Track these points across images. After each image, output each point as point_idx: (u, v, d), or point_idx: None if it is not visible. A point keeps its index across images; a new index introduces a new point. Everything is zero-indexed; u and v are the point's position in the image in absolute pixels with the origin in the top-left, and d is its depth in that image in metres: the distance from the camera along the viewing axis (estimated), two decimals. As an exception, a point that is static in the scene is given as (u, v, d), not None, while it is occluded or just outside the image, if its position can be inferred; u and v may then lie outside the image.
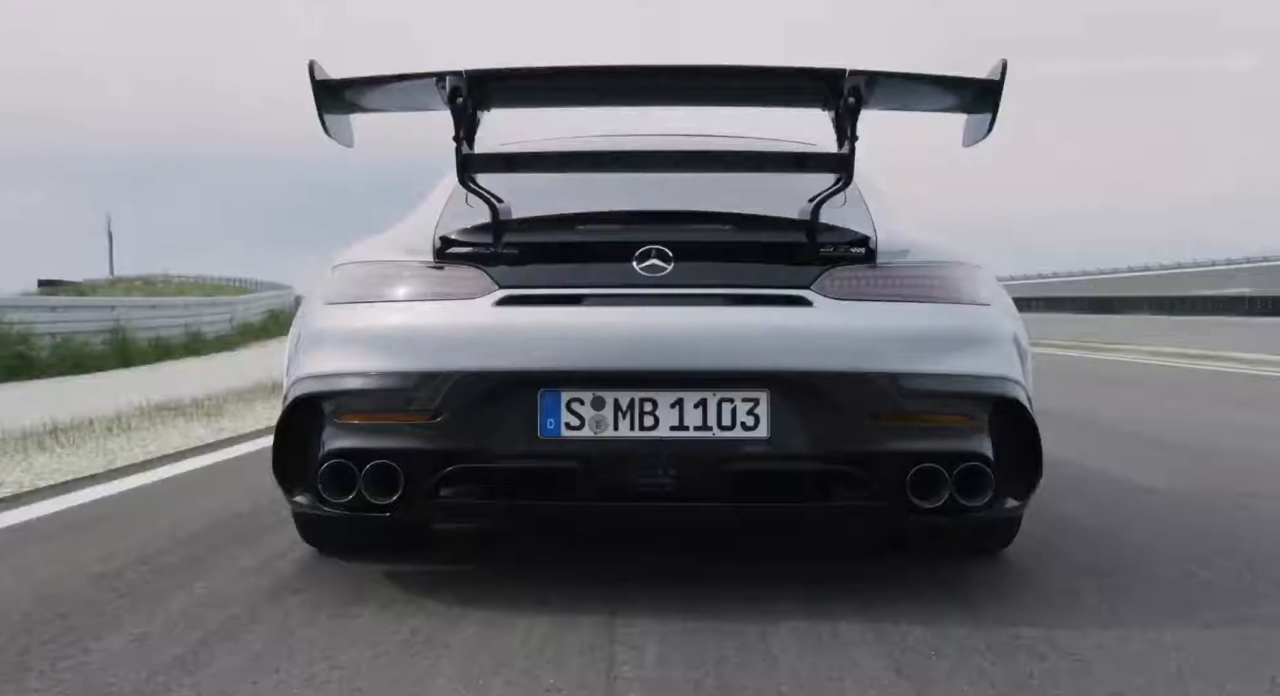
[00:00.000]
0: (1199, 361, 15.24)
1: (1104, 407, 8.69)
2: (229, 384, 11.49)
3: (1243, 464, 5.66)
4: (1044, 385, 3.65)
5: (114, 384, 12.64)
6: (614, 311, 2.83)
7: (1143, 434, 6.96)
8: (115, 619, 2.88)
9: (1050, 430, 3.11)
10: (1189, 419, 7.89)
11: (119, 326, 17.69)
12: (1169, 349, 18.21)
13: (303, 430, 2.98)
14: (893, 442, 2.83)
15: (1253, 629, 2.80)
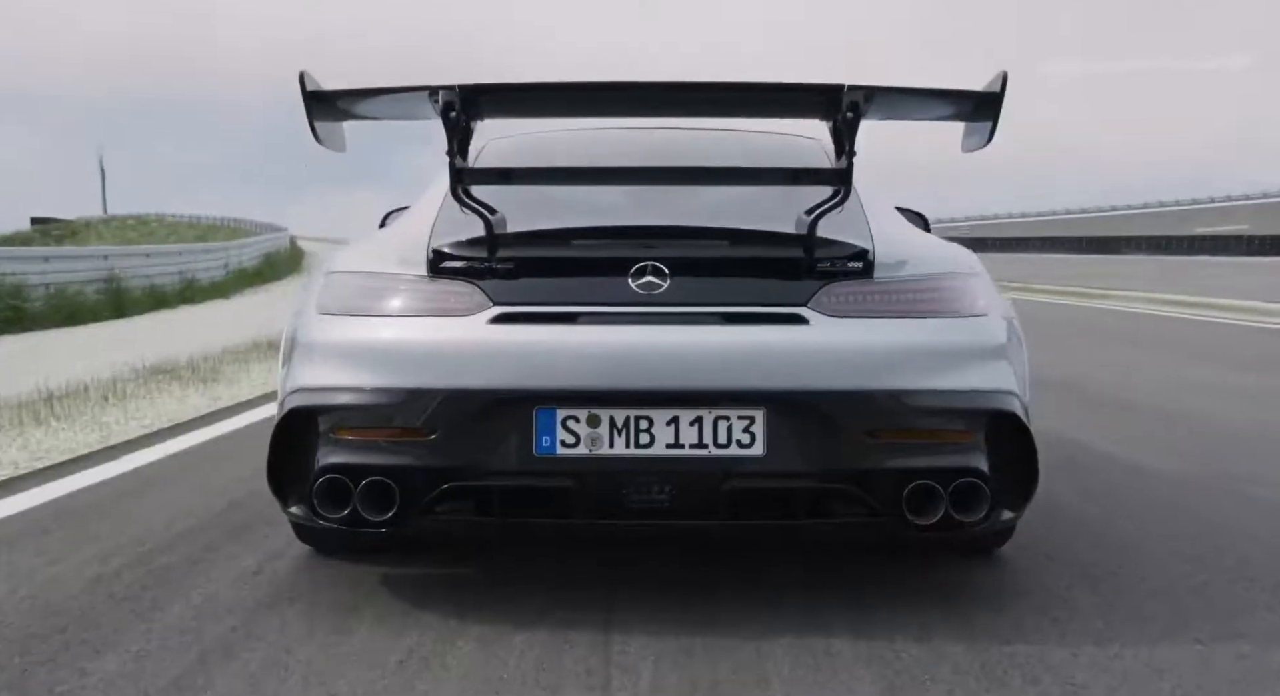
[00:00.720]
0: (1197, 310, 15.23)
1: (1097, 375, 8.69)
2: (224, 340, 11.47)
3: (1239, 437, 5.67)
4: (1039, 340, 3.63)
5: (108, 339, 12.63)
6: (609, 330, 2.81)
7: (1136, 402, 6.97)
8: (114, 633, 2.89)
9: (1041, 395, 3.11)
10: (1184, 383, 7.90)
11: (113, 275, 17.62)
12: (1166, 295, 18.18)
13: (297, 442, 2.96)
14: (888, 460, 2.83)
15: (1246, 646, 2.81)
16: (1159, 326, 13.82)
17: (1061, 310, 17.52)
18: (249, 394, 7.56)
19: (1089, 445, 5.48)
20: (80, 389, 7.68)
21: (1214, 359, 9.77)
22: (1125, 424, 6.19)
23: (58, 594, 3.22)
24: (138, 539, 3.78)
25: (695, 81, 2.92)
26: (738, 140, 3.78)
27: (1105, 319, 15.45)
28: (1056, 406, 6.51)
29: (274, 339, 11.41)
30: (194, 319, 16.40)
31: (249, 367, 9.02)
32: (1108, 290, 20.94)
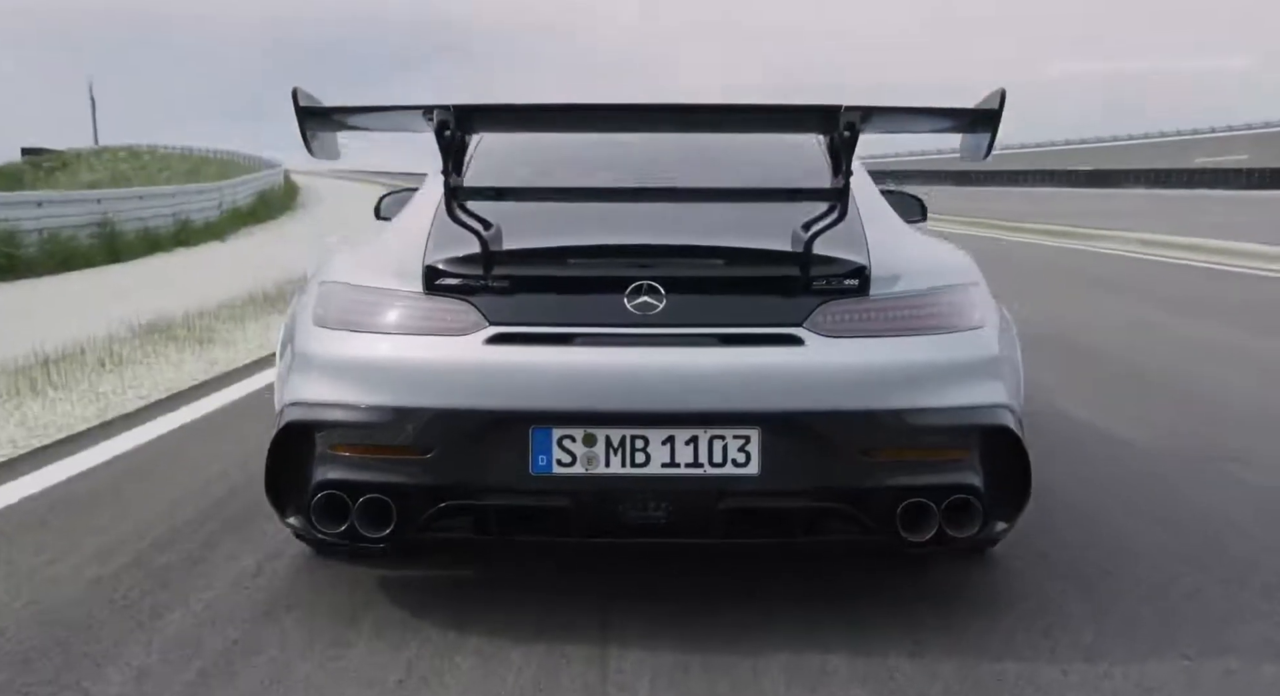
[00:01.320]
0: (1197, 256, 15.19)
1: (1088, 334, 8.69)
2: (219, 292, 11.45)
3: (1234, 410, 5.69)
4: (1032, 290, 3.63)
5: (103, 290, 12.59)
6: (605, 352, 2.81)
7: (1132, 366, 6.98)
8: (114, 646, 2.92)
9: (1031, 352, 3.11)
10: (1180, 344, 7.91)
11: (106, 219, 17.50)
12: (1163, 237, 18.08)
13: (295, 455, 2.98)
14: (883, 478, 2.85)
15: (1234, 661, 2.85)
16: (1158, 276, 13.79)
17: (1057, 256, 17.48)
18: (245, 357, 7.56)
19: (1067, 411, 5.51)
20: (77, 352, 7.67)
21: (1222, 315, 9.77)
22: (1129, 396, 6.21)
23: (58, 599, 3.24)
24: (137, 533, 3.80)
25: (693, 104, 2.91)
26: (734, 136, 3.72)
27: (1104, 266, 15.42)
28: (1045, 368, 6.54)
29: (269, 292, 11.41)
30: (189, 265, 16.35)
31: (244, 326, 9.02)
32: (1103, 230, 20.80)
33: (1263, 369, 7.07)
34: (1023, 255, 16.68)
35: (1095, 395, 6.17)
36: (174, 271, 15.19)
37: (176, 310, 9.93)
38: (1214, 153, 61.82)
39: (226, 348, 7.94)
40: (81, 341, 8.22)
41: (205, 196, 23.73)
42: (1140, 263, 15.50)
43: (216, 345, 8.04)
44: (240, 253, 18.69)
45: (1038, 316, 8.53)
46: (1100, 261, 15.97)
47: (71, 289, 12.74)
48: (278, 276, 12.88)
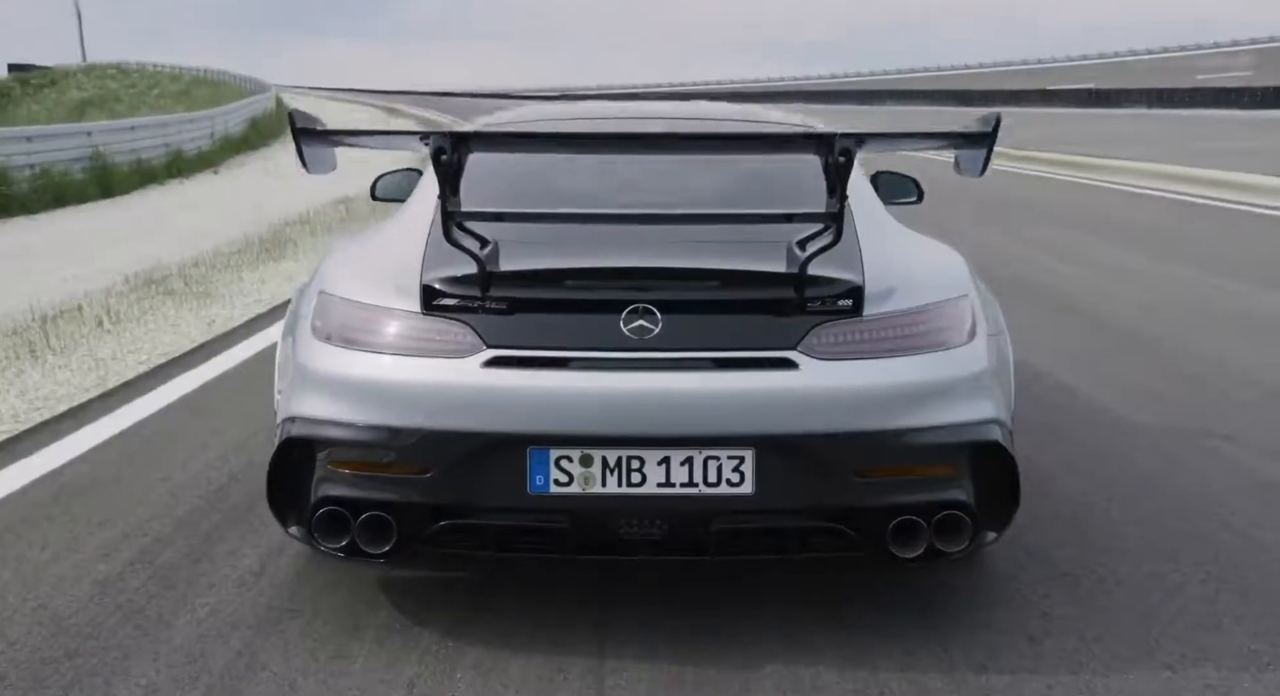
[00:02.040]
0: (1199, 189, 15.10)
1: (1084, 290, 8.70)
2: (213, 234, 11.45)
3: (1228, 380, 5.74)
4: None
5: (98, 234, 12.55)
6: (601, 377, 2.84)
7: (1127, 327, 7.01)
8: (122, 658, 2.99)
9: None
10: (1175, 300, 7.93)
11: (98, 153, 17.39)
12: (1168, 168, 17.90)
13: (296, 469, 3.03)
14: (875, 497, 2.90)
15: (1211, 671, 2.93)
16: (1162, 214, 13.75)
17: (1055, 190, 17.39)
18: (242, 315, 7.59)
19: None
20: (74, 308, 7.70)
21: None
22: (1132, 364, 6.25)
23: (65, 603, 3.31)
24: (140, 527, 3.86)
25: (690, 132, 2.90)
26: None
27: (1116, 207, 15.33)
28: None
29: (263, 236, 11.39)
30: (182, 202, 16.28)
31: (240, 278, 9.01)
32: (1107, 158, 20.64)
33: None
34: (1049, 198, 16.51)
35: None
36: (168, 210, 15.13)
37: (172, 258, 9.95)
38: (1217, 69, 61.04)
39: (224, 304, 7.96)
40: (78, 295, 8.26)
41: (197, 125, 23.53)
42: (1146, 202, 15.40)
43: (214, 301, 8.04)
44: (233, 187, 18.60)
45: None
46: (1145, 207, 15.86)
47: (66, 229, 12.70)
48: (271, 217, 12.86)
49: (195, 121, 23.73)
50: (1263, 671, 2.94)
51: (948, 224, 8.68)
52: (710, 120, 4.03)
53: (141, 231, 12.35)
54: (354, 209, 13.86)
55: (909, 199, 4.69)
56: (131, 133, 19.38)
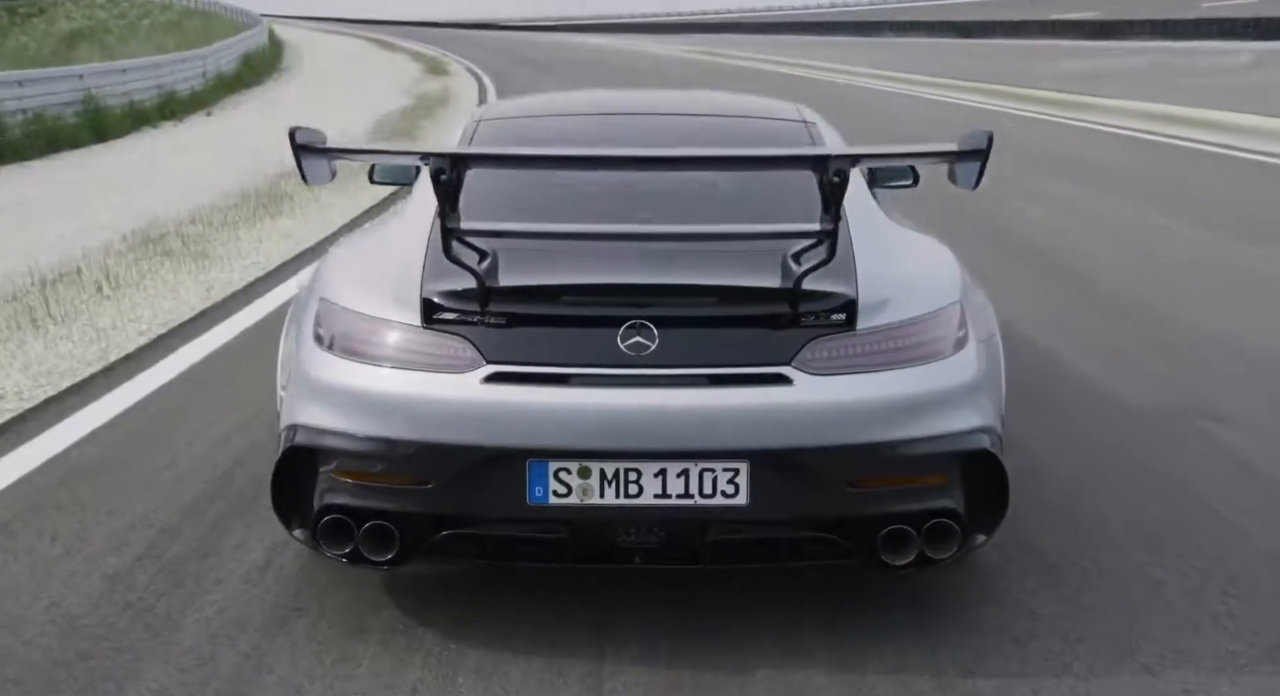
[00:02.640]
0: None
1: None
2: (209, 185, 11.43)
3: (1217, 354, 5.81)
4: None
5: (92, 182, 12.51)
6: (599, 393, 2.90)
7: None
8: (134, 660, 3.08)
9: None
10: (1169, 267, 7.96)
11: (90, 96, 17.27)
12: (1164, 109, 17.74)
13: (299, 476, 3.10)
14: (866, 507, 2.98)
15: (1189, 673, 3.02)
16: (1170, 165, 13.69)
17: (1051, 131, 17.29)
18: (240, 279, 7.61)
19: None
20: (73, 271, 7.72)
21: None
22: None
23: (76, 600, 3.39)
24: (147, 516, 3.93)
25: (684, 155, 2.94)
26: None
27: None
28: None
29: (259, 188, 11.36)
30: (176, 147, 16.18)
31: (238, 237, 9.01)
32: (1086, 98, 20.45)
33: None
34: (1068, 150, 16.41)
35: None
36: (162, 155, 15.06)
37: (168, 213, 9.94)
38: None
39: (223, 266, 7.97)
40: (76, 255, 8.28)
41: (189, 65, 23.29)
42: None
43: (211, 263, 8.05)
44: (227, 131, 18.47)
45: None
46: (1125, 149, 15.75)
47: (60, 180, 12.65)
48: (267, 167, 12.82)
49: (188, 61, 23.49)
50: (1240, 674, 3.04)
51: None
52: (701, 116, 4.08)
53: (136, 183, 12.31)
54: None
55: (904, 183, 4.72)
56: (123, 75, 19.20)
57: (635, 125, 4.03)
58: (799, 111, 4.16)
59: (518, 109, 4.35)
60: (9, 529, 3.87)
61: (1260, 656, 3.12)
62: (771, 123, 4.06)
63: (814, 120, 4.04)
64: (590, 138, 3.84)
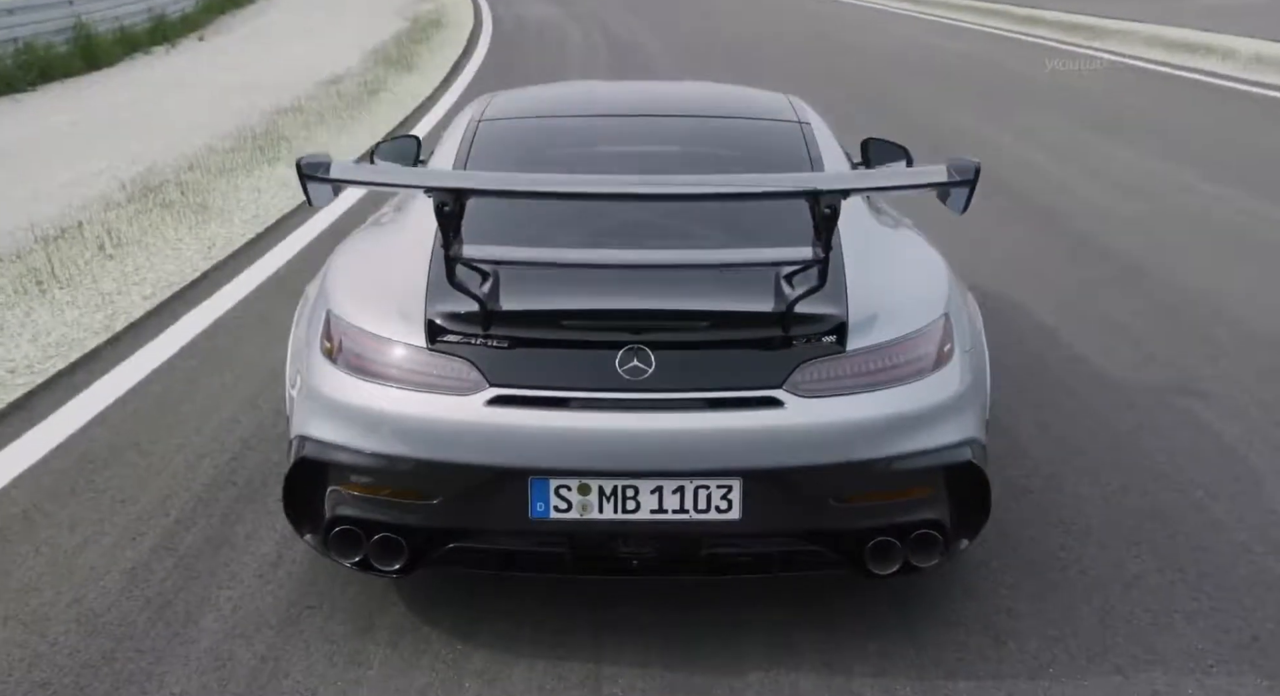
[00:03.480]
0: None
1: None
2: (204, 124, 11.42)
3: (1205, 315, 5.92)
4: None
5: (86, 120, 12.46)
6: (598, 416, 3.01)
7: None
8: (156, 661, 3.23)
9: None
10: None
11: (80, 23, 17.11)
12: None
13: (310, 485, 3.22)
14: (854, 520, 3.12)
15: (1159, 674, 3.19)
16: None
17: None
18: (241, 235, 7.67)
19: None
20: (74, 225, 7.77)
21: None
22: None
23: (98, 597, 3.53)
24: (161, 504, 4.07)
25: (679, 192, 3.02)
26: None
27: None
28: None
29: (255, 128, 11.35)
30: (168, 78, 16.03)
31: (236, 186, 9.03)
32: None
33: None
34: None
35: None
36: (155, 90, 14.93)
37: (165, 158, 9.97)
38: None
39: (222, 221, 8.01)
40: (76, 207, 8.33)
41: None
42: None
43: (211, 217, 8.09)
44: (220, 58, 18.32)
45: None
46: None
47: (54, 120, 12.58)
48: (262, 103, 12.79)
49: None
50: (1206, 675, 3.20)
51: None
52: (697, 117, 4.16)
53: (131, 122, 12.26)
54: (345, 92, 13.76)
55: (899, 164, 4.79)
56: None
57: (632, 130, 4.09)
58: (793, 109, 4.21)
59: (516, 108, 4.38)
60: (29, 518, 4.01)
61: (1227, 655, 3.28)
62: (766, 124, 4.12)
63: (808, 120, 4.10)
64: (589, 142, 3.91)
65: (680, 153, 3.96)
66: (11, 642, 3.33)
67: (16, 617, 3.45)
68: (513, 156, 3.88)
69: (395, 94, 13.88)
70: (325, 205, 3.32)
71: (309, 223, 7.84)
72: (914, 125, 11.10)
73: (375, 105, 13.08)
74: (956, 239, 5.23)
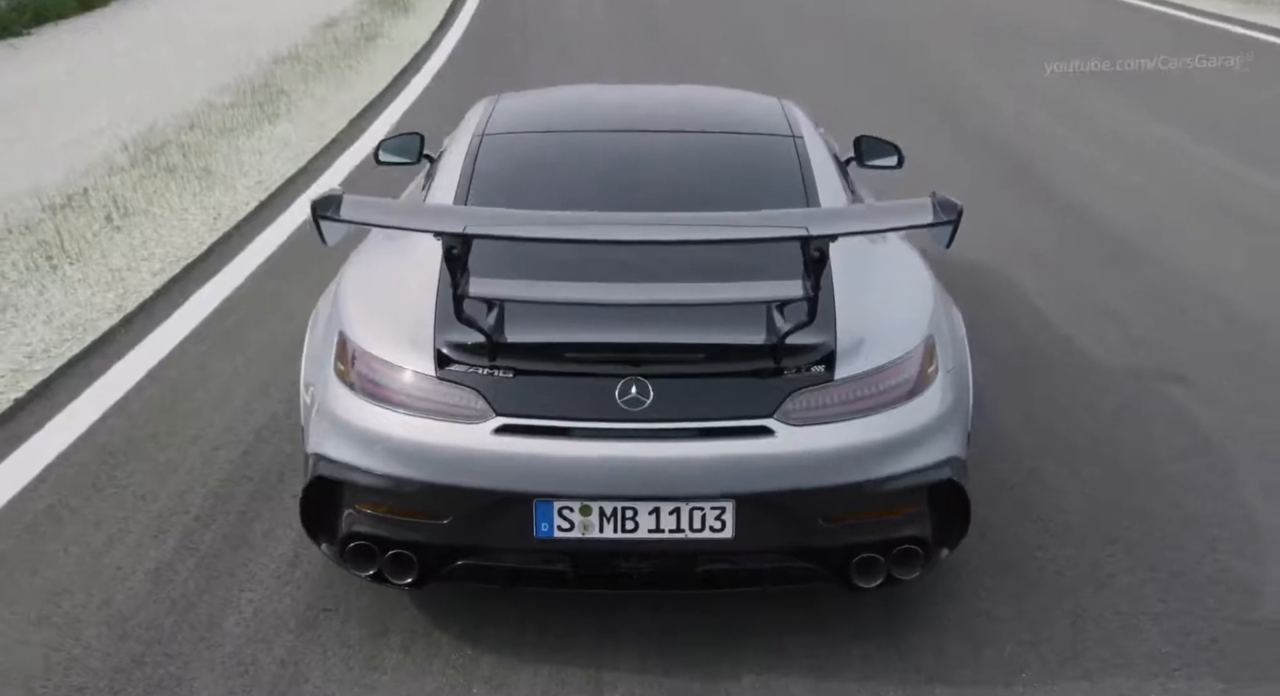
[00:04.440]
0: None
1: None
2: (202, 80, 11.44)
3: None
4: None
5: (83, 68, 12.47)
6: (599, 445, 3.19)
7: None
8: (184, 666, 3.43)
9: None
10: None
11: (73, -40, 16.95)
12: None
13: (326, 500, 3.41)
14: (840, 538, 3.31)
15: (1124, 679, 3.40)
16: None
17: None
18: (245, 202, 7.79)
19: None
20: (80, 192, 7.88)
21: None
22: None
23: (126, 598, 3.72)
24: (180, 501, 4.25)
25: (676, 238, 3.18)
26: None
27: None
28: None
29: (254, 79, 11.38)
30: (164, 20, 15.97)
31: (237, 148, 9.12)
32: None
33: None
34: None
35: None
36: (150, 32, 14.89)
37: (164, 114, 10.02)
38: None
39: (225, 187, 8.12)
40: (79, 170, 8.42)
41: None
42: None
43: (215, 183, 8.20)
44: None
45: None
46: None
47: (52, 70, 12.58)
48: (259, 51, 12.79)
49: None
50: (1169, 678, 3.41)
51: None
52: (692, 134, 4.31)
53: (129, 73, 12.27)
54: (342, 38, 13.73)
55: (889, 164, 4.93)
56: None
57: (631, 148, 4.23)
58: (786, 119, 4.34)
59: (518, 122, 4.47)
60: (56, 514, 4.20)
61: (1189, 658, 3.49)
62: (761, 140, 4.24)
63: (800, 133, 4.23)
64: (588, 163, 4.09)
65: (676, 174, 4.09)
66: (48, 645, 3.53)
67: (50, 619, 3.65)
68: (513, 183, 4.01)
69: (393, 40, 13.87)
70: (337, 241, 3.43)
71: (311, 189, 7.95)
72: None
73: (373, 53, 13.08)
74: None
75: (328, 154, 9.00)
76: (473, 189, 3.92)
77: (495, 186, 3.93)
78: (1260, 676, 3.42)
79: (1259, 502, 4.29)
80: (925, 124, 9.86)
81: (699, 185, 4.02)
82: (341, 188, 3.45)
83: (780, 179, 3.97)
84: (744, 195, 3.90)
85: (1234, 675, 3.42)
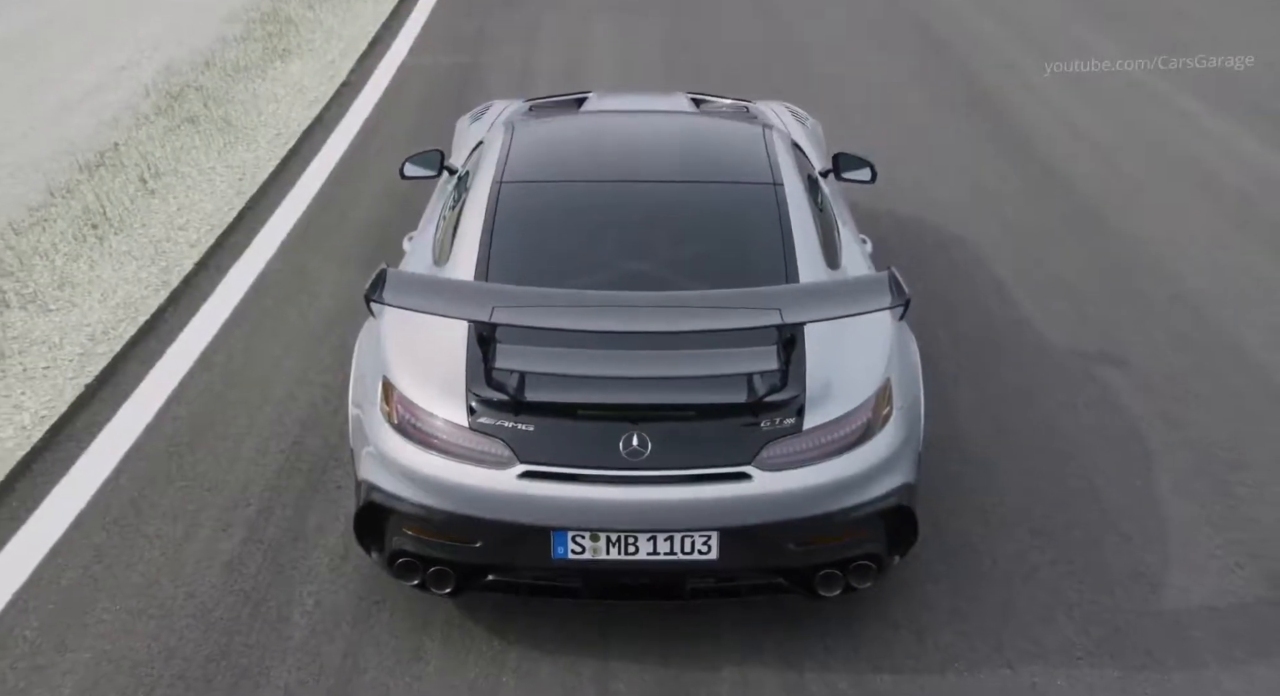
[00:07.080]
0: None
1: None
2: (212, 12, 11.69)
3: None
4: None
5: (93, 13, 12.68)
6: (605, 489, 3.86)
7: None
8: (260, 659, 4.11)
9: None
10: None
11: None
12: None
13: (375, 521, 4.09)
14: (807, 558, 4.01)
15: (1038, 667, 4.08)
16: None
17: None
18: (267, 160, 8.29)
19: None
20: (111, 147, 8.35)
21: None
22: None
23: (207, 591, 4.39)
24: (242, 493, 4.89)
25: (664, 329, 3.80)
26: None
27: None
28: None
29: (264, 10, 11.63)
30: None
31: (255, 94, 9.53)
32: None
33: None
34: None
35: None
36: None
37: (180, 53, 10.37)
38: None
39: (247, 142, 8.61)
40: (106, 120, 8.86)
41: None
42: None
43: (237, 137, 8.68)
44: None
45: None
46: None
47: (59, 5, 12.77)
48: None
49: None
50: (1073, 667, 4.09)
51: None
52: (678, 176, 4.93)
53: (142, 5, 12.48)
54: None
55: (863, 178, 5.52)
56: None
57: (631, 202, 4.81)
58: (768, 158, 4.92)
59: (533, 164, 5.02)
60: (138, 507, 4.84)
61: (1091, 648, 4.16)
62: (745, 190, 4.80)
63: (780, 179, 4.79)
64: (594, 216, 4.74)
65: (671, 233, 4.68)
66: (149, 635, 4.20)
67: (146, 612, 4.33)
68: (529, 245, 4.63)
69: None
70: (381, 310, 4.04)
71: (329, 144, 8.46)
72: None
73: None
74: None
75: (340, 98, 9.43)
76: (493, 248, 4.47)
77: (513, 246, 4.52)
78: (1152, 664, 4.10)
79: (1170, 497, 4.95)
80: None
81: (691, 243, 4.61)
82: (385, 265, 4.03)
83: (761, 252, 4.55)
84: (729, 261, 4.54)
85: (1131, 663, 4.09)
